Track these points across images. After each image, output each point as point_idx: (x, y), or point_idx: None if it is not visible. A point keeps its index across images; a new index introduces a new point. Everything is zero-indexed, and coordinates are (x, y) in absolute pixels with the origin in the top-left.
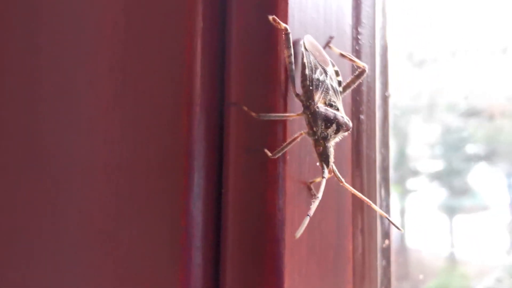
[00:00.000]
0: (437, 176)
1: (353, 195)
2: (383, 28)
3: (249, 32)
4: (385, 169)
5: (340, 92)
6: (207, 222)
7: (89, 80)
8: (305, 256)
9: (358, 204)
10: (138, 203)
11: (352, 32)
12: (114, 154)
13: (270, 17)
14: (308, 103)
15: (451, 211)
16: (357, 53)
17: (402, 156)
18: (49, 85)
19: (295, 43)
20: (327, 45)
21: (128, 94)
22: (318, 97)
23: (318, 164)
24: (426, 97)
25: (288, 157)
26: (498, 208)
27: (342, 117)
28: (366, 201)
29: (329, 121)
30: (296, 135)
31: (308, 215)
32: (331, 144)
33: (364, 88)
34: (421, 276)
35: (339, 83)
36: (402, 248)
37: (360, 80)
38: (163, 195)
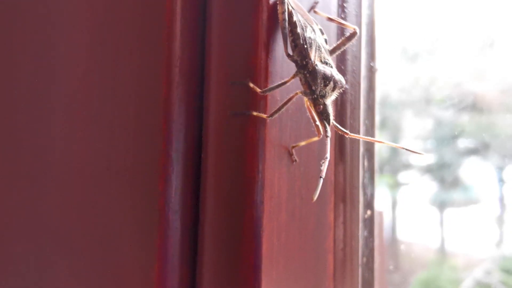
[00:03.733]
0: (429, 170)
1: (335, 164)
2: None
3: None
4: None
5: (329, 50)
6: (186, 186)
7: (67, 49)
8: (285, 222)
9: (340, 173)
10: (116, 168)
11: None
12: (92, 121)
13: None
14: (304, 62)
15: (441, 204)
16: (341, 29)
17: (394, 149)
18: (24, 58)
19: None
20: (311, 9)
21: (106, 57)
22: (313, 55)
23: (317, 123)
24: (419, 90)
25: (268, 121)
26: (488, 202)
27: (337, 74)
28: (377, 141)
29: (327, 78)
30: (291, 95)
31: (320, 176)
32: (329, 102)
33: (348, 57)
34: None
35: (325, 41)
36: (393, 240)
37: (350, 43)
38: (141, 159)
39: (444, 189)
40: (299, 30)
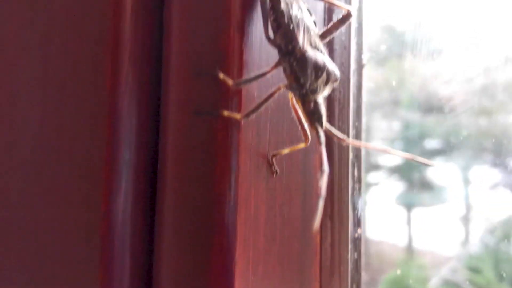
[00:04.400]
0: (396, 170)
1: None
2: None
3: None
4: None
5: (319, 35)
6: (137, 207)
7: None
8: (263, 250)
9: (327, 185)
10: (53, 180)
11: None
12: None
13: None
14: (290, 47)
15: (409, 204)
16: (329, 11)
17: (363, 149)
18: None
19: None
20: None
21: (50, 39)
22: (302, 38)
23: (305, 127)
24: (387, 92)
25: (242, 123)
26: (454, 202)
27: (331, 63)
28: (383, 150)
29: (319, 68)
30: (273, 90)
31: (321, 197)
32: (321, 99)
33: (337, 47)
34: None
35: (314, 23)
36: (363, 240)
37: (344, 26)
38: (80, 171)
39: (411, 189)
40: (283, 6)
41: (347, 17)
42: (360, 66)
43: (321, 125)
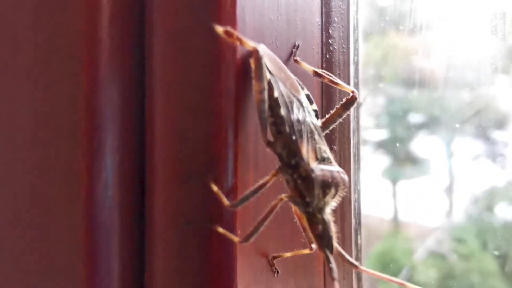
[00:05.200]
0: (382, 145)
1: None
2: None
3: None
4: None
5: (321, 126)
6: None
7: None
8: None
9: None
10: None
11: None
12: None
13: (219, 29)
14: (293, 162)
15: (394, 177)
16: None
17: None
18: None
19: (248, 57)
20: (292, 57)
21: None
22: (306, 152)
23: (310, 235)
24: (371, 68)
25: (240, 211)
26: (438, 174)
27: (338, 171)
28: (400, 282)
29: (327, 186)
30: (274, 203)
31: None
32: (329, 213)
33: (336, 24)
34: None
35: (315, 113)
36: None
37: (348, 112)
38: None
39: (396, 163)
40: (283, 111)
41: (351, 101)
42: (357, 45)
43: (331, 251)
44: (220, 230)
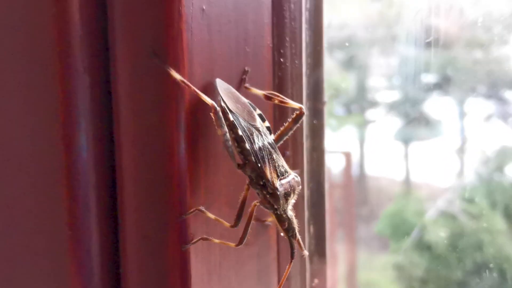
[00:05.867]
0: (394, 106)
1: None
2: None
3: None
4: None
5: (274, 140)
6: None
7: None
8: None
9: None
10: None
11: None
12: None
13: (177, 76)
14: (262, 183)
15: (406, 139)
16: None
17: (361, 88)
18: None
19: (207, 90)
20: (242, 85)
21: None
22: (270, 174)
23: (282, 233)
24: (383, 28)
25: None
26: (450, 135)
27: (293, 178)
28: None
29: (288, 194)
30: (250, 209)
31: None
32: (291, 209)
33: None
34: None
35: (269, 129)
36: (362, 176)
37: (298, 125)
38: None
39: (408, 124)
40: (247, 145)
41: (299, 116)
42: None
43: (295, 238)
44: (216, 241)
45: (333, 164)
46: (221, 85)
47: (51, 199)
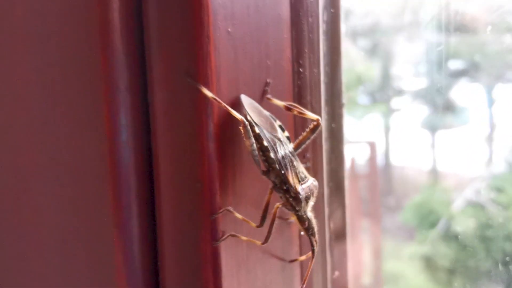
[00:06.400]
0: (420, 94)
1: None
2: None
3: None
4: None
5: (294, 150)
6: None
7: None
8: None
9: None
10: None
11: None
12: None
13: (208, 93)
14: (285, 187)
15: (433, 127)
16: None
17: (386, 76)
18: None
19: (234, 104)
20: (264, 96)
21: None
22: (292, 179)
23: (302, 232)
24: (408, 14)
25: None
26: (478, 122)
27: (312, 183)
28: None
29: (309, 197)
30: (273, 210)
31: None
32: (310, 211)
33: None
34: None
35: (288, 138)
36: (387, 166)
37: (314, 135)
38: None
39: (435, 112)
40: (272, 155)
41: (316, 127)
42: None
43: (315, 237)
44: (244, 238)
45: (358, 154)
46: (246, 100)
47: (99, 201)
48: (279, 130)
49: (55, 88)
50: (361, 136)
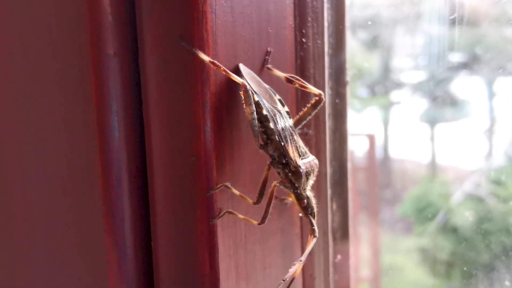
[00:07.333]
0: (420, 87)
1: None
2: None
3: None
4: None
5: (294, 125)
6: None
7: None
8: None
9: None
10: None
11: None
12: None
13: (205, 58)
14: (284, 161)
15: (432, 120)
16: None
17: (385, 68)
18: None
19: (235, 71)
20: (264, 66)
21: None
22: (292, 152)
23: (300, 214)
24: (408, 6)
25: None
26: (478, 115)
27: (313, 160)
28: None
29: (309, 173)
30: (271, 189)
31: (283, 280)
32: (309, 190)
33: None
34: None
35: (288, 114)
36: (386, 159)
37: (316, 111)
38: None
39: (435, 105)
40: (271, 125)
41: (318, 102)
42: None
43: (314, 217)
44: (241, 216)
45: (357, 147)
46: (244, 70)
47: (87, 177)
48: (278, 103)
49: (40, 55)
50: (360, 128)
